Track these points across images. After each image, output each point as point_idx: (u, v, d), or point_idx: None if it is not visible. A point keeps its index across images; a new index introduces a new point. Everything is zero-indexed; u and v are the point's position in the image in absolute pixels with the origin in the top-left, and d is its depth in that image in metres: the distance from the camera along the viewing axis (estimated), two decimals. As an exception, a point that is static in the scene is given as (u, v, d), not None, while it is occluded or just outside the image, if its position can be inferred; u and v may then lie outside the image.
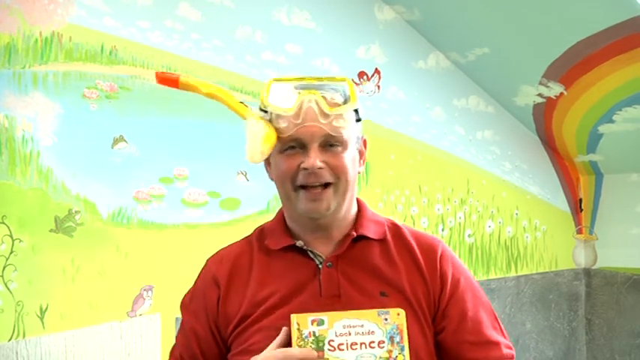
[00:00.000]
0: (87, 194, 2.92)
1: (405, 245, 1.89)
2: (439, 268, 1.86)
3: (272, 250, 1.88)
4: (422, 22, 3.80)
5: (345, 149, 1.79)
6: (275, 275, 1.85)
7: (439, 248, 1.91)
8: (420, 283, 1.84)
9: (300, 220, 1.85)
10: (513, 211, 4.25)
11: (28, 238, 2.77)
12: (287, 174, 1.79)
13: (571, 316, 4.38)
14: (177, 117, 3.13)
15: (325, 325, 1.71)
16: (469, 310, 1.87)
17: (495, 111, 4.18)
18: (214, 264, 1.96)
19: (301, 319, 1.71)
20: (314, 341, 1.69)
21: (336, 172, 1.78)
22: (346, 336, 1.71)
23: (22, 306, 2.75)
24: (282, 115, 1.76)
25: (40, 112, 2.81)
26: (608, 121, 3.91)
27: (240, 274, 1.88)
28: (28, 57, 2.79)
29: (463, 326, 1.85)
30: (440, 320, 1.84)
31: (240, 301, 1.84)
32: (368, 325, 1.72)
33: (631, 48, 3.38)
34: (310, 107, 1.74)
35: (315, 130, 1.75)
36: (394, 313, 1.73)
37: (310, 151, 1.75)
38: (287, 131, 1.76)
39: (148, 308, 3.05)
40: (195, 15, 3.19)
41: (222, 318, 1.86)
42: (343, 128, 1.77)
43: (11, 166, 2.74)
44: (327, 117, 1.75)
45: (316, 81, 1.82)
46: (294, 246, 1.86)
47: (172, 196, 3.13)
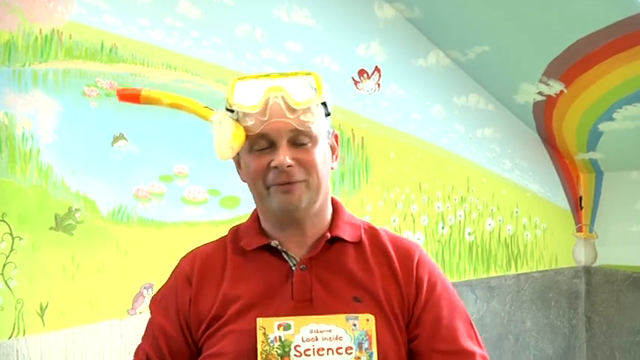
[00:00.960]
0: (87, 192, 2.92)
1: (381, 249, 1.86)
2: (415, 274, 1.83)
3: (246, 251, 1.85)
4: (422, 20, 3.80)
5: (315, 145, 1.77)
6: (248, 276, 1.82)
7: (416, 254, 1.86)
8: (395, 289, 1.80)
9: (274, 217, 1.82)
10: (513, 209, 4.26)
11: (28, 235, 2.78)
12: (257, 173, 1.76)
13: (571, 313, 4.38)
14: (177, 115, 3.10)
15: (292, 329, 1.68)
16: (444, 318, 1.82)
17: (495, 109, 4.18)
18: (187, 263, 1.93)
19: (267, 323, 1.68)
20: (280, 346, 1.67)
21: (307, 169, 1.75)
22: (313, 341, 1.68)
23: (22, 304, 2.75)
24: (248, 112, 1.74)
25: (40, 109, 2.82)
26: (609, 119, 3.91)
27: (213, 274, 1.86)
28: (28, 55, 2.80)
29: (437, 334, 1.80)
30: (414, 327, 1.80)
31: (212, 301, 1.81)
32: (336, 330, 1.69)
33: (631, 46, 3.38)
34: (276, 102, 1.71)
35: (283, 125, 1.72)
36: (363, 319, 1.70)
37: (279, 149, 1.72)
38: (254, 129, 1.73)
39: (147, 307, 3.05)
40: (196, 13, 3.19)
41: (193, 318, 1.83)
42: (312, 123, 1.75)
43: (11, 163, 2.75)
44: (294, 112, 1.72)
45: (281, 77, 1.79)
46: (269, 246, 1.83)
47: (172, 194, 3.13)
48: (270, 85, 1.75)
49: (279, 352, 1.66)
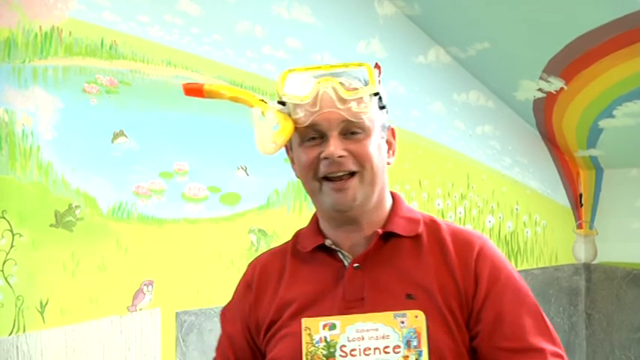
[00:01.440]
0: (87, 189, 2.93)
1: (439, 243, 1.77)
2: (474, 266, 1.73)
3: (302, 253, 1.83)
4: (422, 17, 3.80)
5: (368, 136, 1.72)
6: (302, 279, 1.79)
7: (477, 245, 1.77)
8: (451, 283, 1.71)
9: (329, 214, 1.78)
10: (513, 206, 4.26)
11: (28, 232, 2.78)
12: (308, 166, 1.72)
13: (571, 310, 4.39)
14: (177, 112, 3.13)
15: (337, 329, 1.64)
16: (508, 313, 1.71)
17: (495, 106, 4.18)
18: (250, 270, 1.92)
19: (312, 324, 1.64)
20: (325, 347, 1.63)
21: (360, 160, 1.70)
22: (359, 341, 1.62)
23: (22, 300, 2.76)
24: (298, 104, 1.70)
25: (40, 106, 2.82)
26: (609, 115, 3.92)
27: (272, 279, 1.84)
28: (28, 51, 2.80)
29: (500, 330, 1.70)
30: (474, 324, 1.71)
31: (269, 306, 1.80)
32: (383, 328, 1.63)
33: (631, 43, 3.38)
34: (326, 93, 1.68)
35: (333, 116, 1.68)
36: (412, 316, 1.63)
37: (330, 139, 1.68)
38: (305, 121, 1.70)
39: (148, 303, 3.06)
40: (195, 9, 3.19)
41: (254, 323, 1.83)
42: (364, 113, 1.70)
43: (11, 160, 2.75)
44: (345, 102, 1.68)
45: (332, 69, 1.76)
46: (324, 246, 1.79)
47: (172, 190, 3.14)
48: (320, 76, 1.72)
49: (324, 353, 1.62)
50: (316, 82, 1.70)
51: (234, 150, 3.25)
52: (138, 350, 3.02)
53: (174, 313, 3.08)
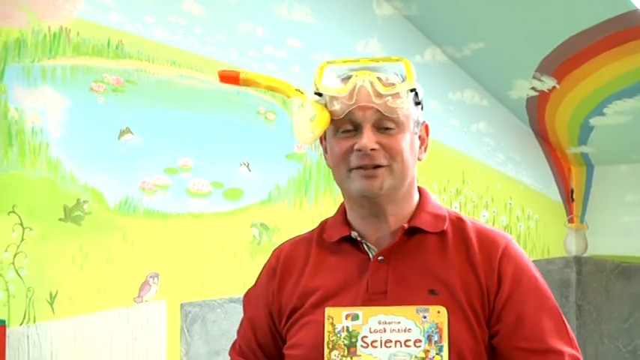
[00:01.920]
0: (94, 184, 2.93)
1: (463, 240, 1.75)
2: (498, 266, 1.70)
3: (328, 243, 1.80)
4: (419, 17, 3.80)
5: (402, 131, 1.70)
6: (326, 268, 1.77)
7: (502, 245, 1.74)
8: (474, 281, 1.68)
9: (356, 203, 1.76)
10: (507, 201, 4.27)
11: (38, 226, 2.79)
12: (341, 156, 1.70)
13: (562, 302, 4.39)
14: (181, 109, 3.14)
15: (360, 320, 1.62)
16: (529, 315, 1.69)
17: (490, 104, 4.18)
18: (275, 256, 1.89)
19: (335, 313, 1.62)
20: (347, 337, 1.61)
21: (391, 154, 1.68)
22: (381, 333, 1.60)
23: (32, 292, 2.76)
24: (335, 96, 1.68)
25: (49, 104, 2.82)
26: (599, 113, 3.92)
27: (296, 266, 1.82)
28: (37, 51, 2.80)
29: (520, 331, 1.67)
30: (495, 323, 1.68)
31: (293, 293, 1.78)
32: (405, 322, 1.60)
33: (621, 43, 3.39)
34: (363, 87, 1.66)
35: (369, 110, 1.66)
36: (434, 311, 1.61)
37: (364, 132, 1.66)
38: (340, 112, 1.67)
39: (153, 294, 3.06)
40: (199, 10, 3.19)
41: (276, 308, 1.81)
42: (399, 109, 1.68)
43: (21, 157, 2.75)
44: (382, 97, 1.66)
45: (370, 62, 1.74)
46: (349, 237, 1.77)
47: (177, 186, 3.14)
48: (358, 69, 1.70)
49: (345, 343, 1.61)
50: (354, 75, 1.68)
51: (237, 147, 3.25)
52: (144, 340, 3.03)
53: (179, 305, 3.09)
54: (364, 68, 1.70)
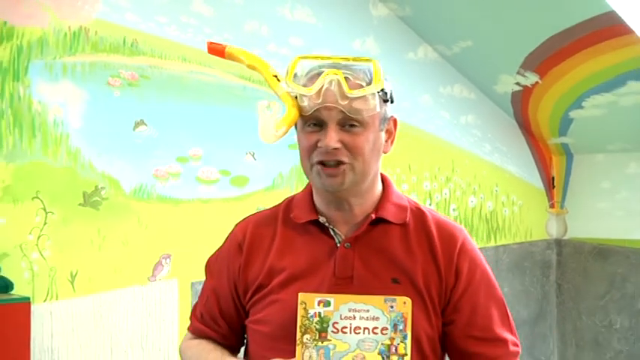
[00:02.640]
0: (111, 172, 2.94)
1: (425, 233, 1.73)
2: (456, 261, 1.70)
3: (295, 223, 1.76)
4: (412, 18, 3.80)
5: (366, 130, 1.65)
6: (294, 249, 1.74)
7: (459, 240, 1.74)
8: (434, 273, 1.68)
9: (322, 193, 1.73)
10: (493, 188, 4.27)
11: (60, 211, 2.80)
12: (306, 151, 1.67)
13: (543, 281, 4.41)
14: (192, 102, 3.14)
15: (331, 306, 1.59)
16: (480, 306, 1.71)
17: (477, 98, 4.18)
18: (241, 230, 1.84)
19: (308, 299, 1.59)
20: (318, 322, 1.58)
21: (353, 153, 1.64)
22: (351, 319, 1.58)
23: (54, 271, 2.78)
24: (303, 94, 1.63)
25: (69, 98, 2.83)
26: (578, 107, 3.92)
27: (263, 243, 1.78)
28: (58, 49, 2.80)
29: (473, 321, 1.70)
30: (450, 312, 1.69)
31: (259, 270, 1.74)
32: (373, 310, 1.59)
33: (599, 41, 3.39)
34: (330, 88, 1.60)
35: (334, 110, 1.61)
36: (401, 302, 1.59)
37: (328, 131, 1.62)
38: (308, 110, 1.63)
39: (166, 274, 3.07)
40: (208, 11, 3.19)
41: (241, 283, 1.77)
42: (364, 110, 1.63)
43: (44, 147, 2.76)
44: (347, 99, 1.60)
45: (341, 60, 1.68)
46: (317, 221, 1.73)
47: (187, 173, 3.14)
48: (327, 69, 1.63)
49: (317, 327, 1.58)
50: (323, 74, 1.62)
51: (243, 137, 3.25)
52: (157, 316, 3.04)
53: (190, 283, 3.09)
54: (334, 66, 1.65)
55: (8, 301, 2.36)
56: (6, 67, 2.67)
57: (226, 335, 1.83)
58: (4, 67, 2.67)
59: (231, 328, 1.82)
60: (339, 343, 1.58)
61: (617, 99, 3.73)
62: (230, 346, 1.83)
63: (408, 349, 1.57)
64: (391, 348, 1.58)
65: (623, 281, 4.11)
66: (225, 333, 1.83)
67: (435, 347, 1.69)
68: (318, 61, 1.68)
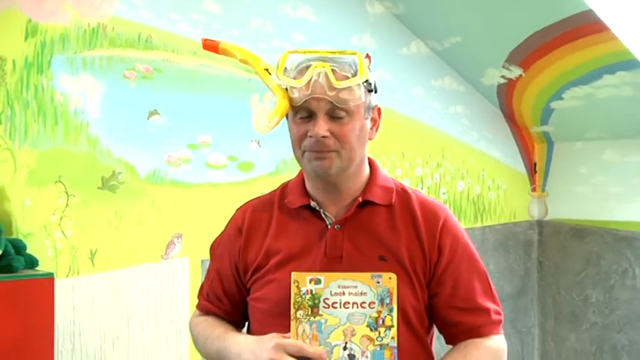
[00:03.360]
0: (127, 158, 2.95)
1: (409, 212, 1.74)
2: (439, 238, 1.72)
3: (289, 209, 1.78)
4: (406, 15, 3.79)
5: (352, 119, 1.66)
6: (289, 232, 1.75)
7: (442, 218, 1.75)
8: (418, 250, 1.70)
9: (313, 179, 1.75)
10: (480, 173, 4.27)
11: (80, 194, 2.81)
12: (297, 140, 1.68)
13: (525, 259, 4.41)
14: (202, 93, 3.15)
15: (322, 284, 1.61)
16: (463, 279, 1.72)
17: (466, 90, 4.18)
18: (240, 215, 1.87)
19: (300, 278, 1.61)
20: (310, 298, 1.60)
21: (340, 141, 1.65)
22: (340, 295, 1.60)
23: (76, 249, 2.80)
24: (293, 86, 1.64)
25: (89, 90, 2.84)
26: (558, 98, 3.92)
27: (260, 227, 1.79)
28: (79, 44, 2.81)
29: (456, 293, 1.71)
30: (435, 286, 1.71)
31: (257, 251, 1.76)
32: (361, 286, 1.60)
33: (577, 38, 3.39)
34: (318, 80, 1.61)
35: (322, 100, 1.62)
36: (386, 277, 1.61)
37: (317, 120, 1.63)
38: (298, 101, 1.64)
39: (178, 252, 3.09)
40: (217, 9, 3.19)
41: (242, 264, 1.79)
42: (350, 100, 1.64)
43: (65, 134, 2.77)
44: (334, 89, 1.61)
45: (328, 54, 1.69)
46: (309, 206, 1.75)
47: (198, 159, 3.15)
48: (315, 62, 1.65)
49: (309, 304, 1.60)
50: (312, 67, 1.63)
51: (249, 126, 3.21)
52: (170, 291, 3.05)
53: (200, 261, 3.10)
54: (321, 59, 1.66)
55: (34, 276, 2.38)
56: (31, 61, 2.68)
57: (230, 312, 1.86)
58: (29, 62, 2.68)
59: (234, 305, 1.84)
60: (330, 317, 1.60)
61: (594, 91, 3.73)
62: (234, 321, 1.85)
63: (395, 320, 1.59)
64: (379, 320, 1.60)
65: (598, 259, 4.13)
66: (229, 310, 1.85)
67: (421, 319, 1.71)
68: (307, 55, 1.69)
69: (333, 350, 1.59)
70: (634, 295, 3.94)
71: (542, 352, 4.40)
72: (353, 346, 1.59)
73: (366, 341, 1.59)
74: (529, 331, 4.40)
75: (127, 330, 2.95)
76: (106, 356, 2.88)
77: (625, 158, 4.06)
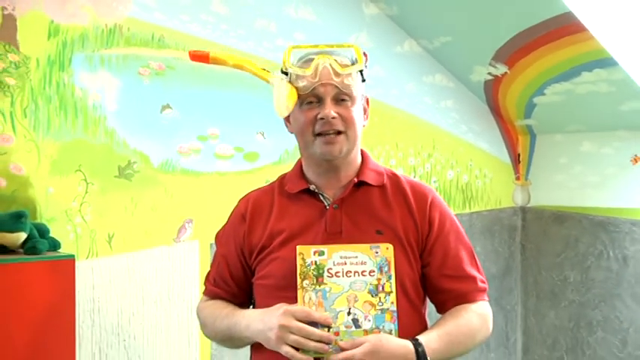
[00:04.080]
0: (142, 149, 2.95)
1: (401, 192, 1.80)
2: (428, 213, 1.77)
3: (290, 194, 1.82)
4: (399, 16, 3.79)
5: (354, 103, 1.74)
6: (290, 214, 1.79)
7: (430, 196, 1.80)
8: (411, 224, 1.75)
9: (316, 163, 1.79)
10: (468, 163, 4.28)
11: (98, 182, 2.81)
12: (307, 124, 1.72)
13: (510, 242, 4.43)
14: (211, 89, 3.14)
15: (325, 255, 1.64)
16: (451, 249, 1.77)
17: (455, 86, 4.18)
18: (243, 203, 1.91)
19: (305, 250, 1.65)
20: (315, 269, 1.64)
21: (347, 122, 1.71)
22: (342, 265, 1.64)
23: (94, 233, 2.80)
24: (301, 75, 1.70)
25: (106, 85, 2.83)
26: (541, 94, 3.93)
27: (263, 212, 1.83)
28: (97, 43, 2.80)
29: (445, 263, 1.76)
30: (426, 256, 1.76)
31: (262, 233, 1.79)
32: (361, 256, 1.65)
33: (558, 38, 3.39)
34: (325, 68, 1.68)
35: (329, 86, 1.69)
36: (384, 247, 1.65)
37: (326, 104, 1.69)
38: (306, 89, 1.70)
39: (188, 236, 3.09)
40: (224, 10, 3.18)
41: (247, 248, 1.82)
42: (352, 86, 1.71)
43: (85, 127, 2.77)
44: (339, 76, 1.69)
45: (328, 47, 1.76)
46: (308, 190, 1.79)
47: (207, 150, 3.15)
48: (318, 55, 1.71)
49: (314, 274, 1.63)
50: (316, 58, 1.70)
51: (254, 119, 3.27)
52: (181, 272, 3.05)
53: (209, 244, 3.10)
54: (322, 52, 1.73)
55: (56, 257, 2.39)
56: (53, 59, 2.68)
57: (236, 294, 1.89)
58: (52, 60, 2.68)
59: (240, 287, 1.87)
60: (334, 285, 1.63)
61: (573, 87, 3.74)
62: (240, 303, 1.88)
63: (393, 286, 1.64)
64: (379, 287, 1.64)
65: (576, 242, 4.15)
66: (236, 292, 1.88)
67: (416, 287, 1.75)
68: (308, 49, 1.77)
69: (338, 315, 1.62)
70: (608, 275, 3.97)
71: (524, 328, 4.43)
72: (356, 312, 1.62)
73: (368, 306, 1.63)
74: (512, 308, 4.42)
75: (142, 307, 2.96)
76: (123, 331, 2.89)
77: (601, 150, 4.07)
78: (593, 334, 4.03)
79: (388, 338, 1.60)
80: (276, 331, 1.59)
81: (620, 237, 3.91)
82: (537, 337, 4.33)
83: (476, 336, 1.76)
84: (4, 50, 2.57)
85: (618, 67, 3.41)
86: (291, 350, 1.58)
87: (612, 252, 3.94)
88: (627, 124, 3.86)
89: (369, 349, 1.56)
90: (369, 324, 1.62)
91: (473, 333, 1.75)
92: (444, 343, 1.67)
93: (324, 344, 1.57)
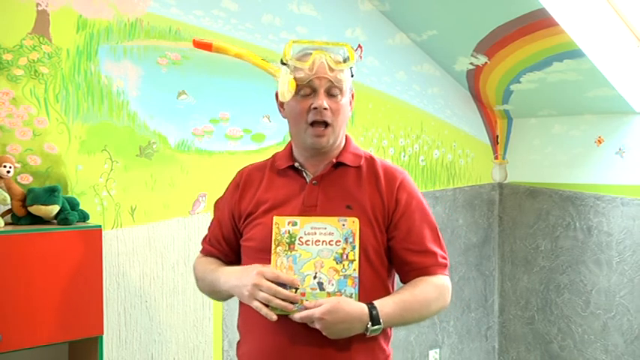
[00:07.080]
0: (160, 130, 2.96)
1: (373, 173, 1.81)
2: (396, 193, 1.79)
3: (278, 169, 1.85)
4: (391, 12, 3.79)
5: (342, 97, 1.75)
6: (275, 186, 1.82)
7: (399, 179, 1.82)
8: (379, 201, 1.76)
9: (304, 147, 1.81)
10: (452, 144, 4.28)
11: (122, 160, 2.84)
12: (302, 113, 1.74)
13: (489, 214, 4.44)
14: (222, 77, 3.14)
15: (297, 225, 1.67)
16: (415, 226, 1.78)
17: (441, 74, 4.17)
18: (239, 175, 1.95)
19: (280, 220, 1.67)
20: (288, 237, 1.66)
21: (335, 115, 1.73)
22: (312, 235, 1.66)
23: (119, 206, 2.83)
24: (300, 67, 1.72)
25: (129, 73, 2.84)
26: (517, 82, 3.92)
27: (254, 183, 1.87)
28: (120, 35, 2.81)
29: (409, 237, 1.77)
30: (392, 230, 1.77)
31: (250, 201, 1.83)
32: (329, 227, 1.67)
33: (532, 31, 3.38)
34: (322, 63, 1.70)
35: (324, 79, 1.71)
36: (350, 221, 1.67)
37: (319, 95, 1.71)
38: (303, 80, 1.71)
39: (202, 209, 3.11)
40: (234, 6, 3.18)
41: (237, 213, 1.86)
42: (343, 81, 1.73)
43: (110, 111, 2.79)
44: (333, 71, 1.71)
45: (323, 44, 1.79)
46: (293, 166, 1.82)
47: (218, 132, 3.16)
48: (315, 50, 1.73)
49: (287, 241, 1.66)
50: (314, 53, 1.72)
51: (261, 103, 3.28)
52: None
53: (221, 215, 3.12)
54: (319, 49, 1.75)
55: (85, 227, 2.42)
56: (81, 50, 2.69)
57: (227, 253, 1.94)
58: (80, 50, 2.69)
59: (231, 247, 1.92)
60: (303, 252, 1.66)
61: (545, 76, 3.74)
62: (230, 262, 1.92)
63: (356, 255, 1.66)
64: (343, 255, 1.67)
65: (547, 214, 4.17)
66: (227, 251, 1.93)
67: (381, 258, 1.76)
68: (306, 45, 1.79)
69: (305, 279, 1.65)
70: (574, 244, 3.99)
71: (500, 291, 4.46)
72: (322, 276, 1.65)
73: (333, 272, 1.65)
74: (491, 273, 4.45)
75: (162, 272, 2.98)
76: (145, 293, 2.92)
77: (569, 132, 4.07)
78: (560, 296, 4.07)
79: (347, 301, 1.63)
80: (249, 288, 1.64)
81: (586, 210, 3.93)
82: (512, 299, 4.37)
83: (431, 305, 1.76)
84: (39, 42, 2.58)
85: (585, 57, 3.41)
86: (259, 305, 1.63)
87: (578, 223, 3.96)
88: (593, 109, 3.86)
89: (327, 309, 1.59)
90: (332, 287, 1.64)
91: (428, 302, 1.75)
92: (399, 308, 1.68)
93: (288, 303, 1.61)
